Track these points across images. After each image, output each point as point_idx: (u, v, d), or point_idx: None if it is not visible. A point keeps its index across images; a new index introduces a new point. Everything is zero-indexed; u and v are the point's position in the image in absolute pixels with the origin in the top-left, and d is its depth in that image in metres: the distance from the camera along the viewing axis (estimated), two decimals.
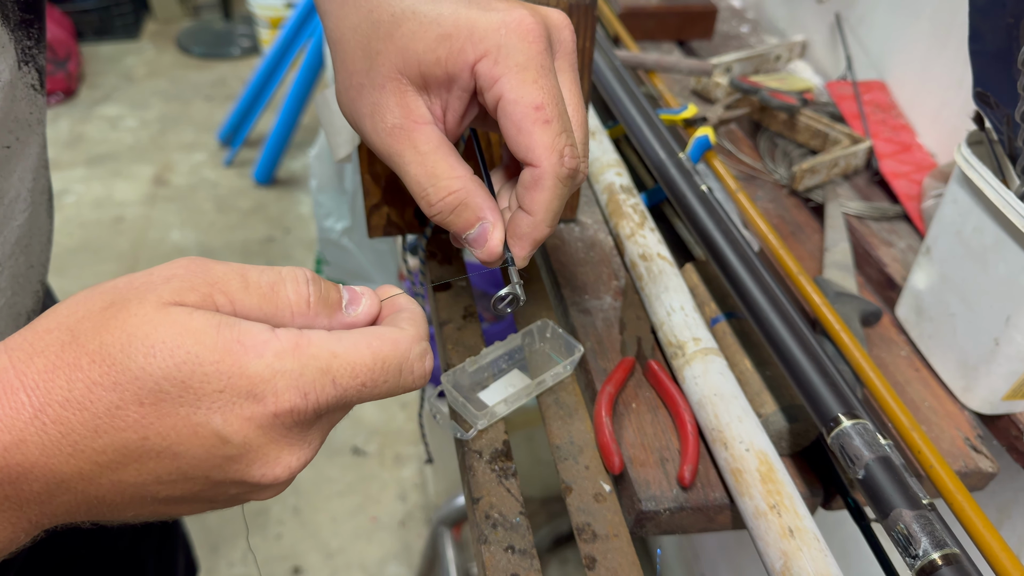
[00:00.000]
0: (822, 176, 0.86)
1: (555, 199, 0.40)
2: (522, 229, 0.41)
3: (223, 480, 0.32)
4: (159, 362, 0.29)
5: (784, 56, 1.11)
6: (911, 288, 0.69)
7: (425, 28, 0.39)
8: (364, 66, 0.41)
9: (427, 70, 0.39)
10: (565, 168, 0.39)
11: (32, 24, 0.48)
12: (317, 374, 0.32)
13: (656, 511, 0.54)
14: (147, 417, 0.29)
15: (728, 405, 0.56)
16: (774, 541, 0.49)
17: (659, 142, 0.73)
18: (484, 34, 0.38)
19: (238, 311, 0.32)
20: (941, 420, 0.63)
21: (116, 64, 3.52)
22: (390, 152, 0.41)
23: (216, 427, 0.30)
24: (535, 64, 0.39)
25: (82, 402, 0.29)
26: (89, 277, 2.37)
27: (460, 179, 0.40)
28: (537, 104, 0.38)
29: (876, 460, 0.47)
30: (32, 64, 0.49)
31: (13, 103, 0.47)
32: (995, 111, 0.58)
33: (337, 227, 1.68)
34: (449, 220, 0.41)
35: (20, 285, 0.52)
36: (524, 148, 0.39)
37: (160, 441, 0.30)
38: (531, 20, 0.39)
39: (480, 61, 0.38)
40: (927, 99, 0.91)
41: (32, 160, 0.51)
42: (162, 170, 2.88)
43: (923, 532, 0.43)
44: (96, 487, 0.31)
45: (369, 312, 0.37)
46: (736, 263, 0.61)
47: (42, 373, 0.29)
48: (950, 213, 0.63)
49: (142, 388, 0.29)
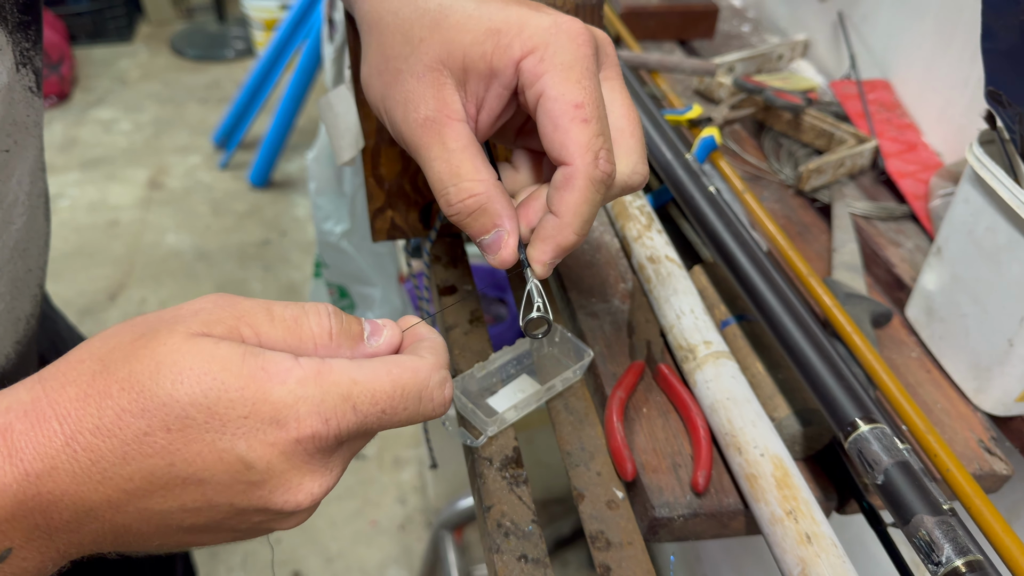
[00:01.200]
0: (828, 176, 0.85)
1: (585, 203, 0.39)
2: (547, 231, 0.40)
3: (247, 507, 0.32)
4: (186, 388, 0.30)
5: (787, 55, 1.11)
6: (921, 289, 0.68)
7: (474, 21, 0.39)
8: (404, 52, 0.40)
9: (471, 63, 0.39)
10: (599, 171, 0.38)
11: (29, 26, 0.48)
12: (338, 400, 0.32)
13: (670, 518, 0.53)
14: (174, 443, 0.30)
15: (741, 409, 0.55)
16: (791, 548, 0.48)
17: (665, 143, 0.72)
18: (534, 32, 0.38)
19: (263, 343, 0.33)
20: (954, 422, 0.62)
21: (109, 67, 3.50)
22: (418, 144, 0.40)
23: (240, 453, 0.31)
24: (581, 65, 0.38)
25: (111, 429, 0.30)
26: (84, 281, 2.36)
27: (483, 183, 0.39)
28: (577, 102, 0.38)
29: (895, 465, 0.46)
30: (29, 66, 0.48)
31: (11, 106, 0.46)
32: (1008, 110, 0.58)
33: (336, 230, 1.67)
34: (466, 222, 0.40)
35: (19, 289, 0.51)
36: (559, 145, 0.38)
37: (186, 467, 0.30)
38: (582, 25, 0.39)
39: (526, 57, 0.38)
40: (932, 98, 0.91)
41: (30, 163, 0.50)
42: (157, 173, 2.86)
43: (945, 539, 0.43)
44: (124, 515, 0.31)
45: (391, 342, 0.37)
46: (747, 265, 0.61)
47: (73, 401, 0.30)
48: (961, 213, 0.63)
49: (169, 414, 0.30)
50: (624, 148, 0.41)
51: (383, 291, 1.78)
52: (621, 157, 0.41)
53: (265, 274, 2.45)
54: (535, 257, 0.41)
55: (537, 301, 0.41)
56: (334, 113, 0.64)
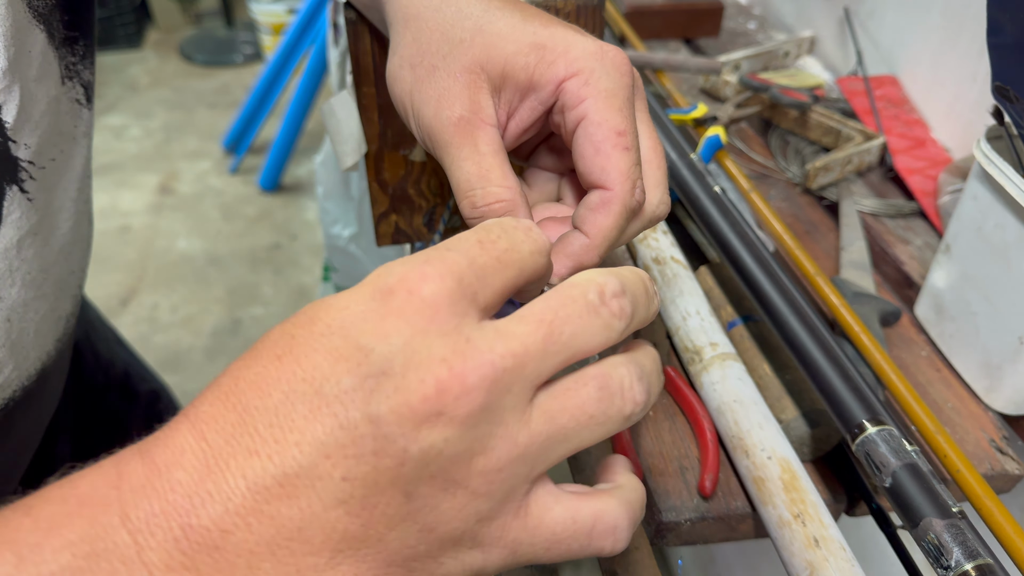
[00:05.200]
0: (836, 174, 0.85)
1: (616, 228, 0.39)
2: (572, 248, 0.39)
3: (386, 414, 0.25)
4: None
5: (793, 52, 1.10)
6: (930, 287, 0.68)
7: (519, 32, 0.39)
8: (442, 49, 0.40)
9: (511, 72, 0.39)
10: (635, 199, 0.39)
11: (76, 41, 0.49)
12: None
13: (677, 522, 0.53)
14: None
15: (748, 411, 0.55)
16: (799, 551, 0.48)
17: (669, 143, 0.72)
18: (580, 55, 0.38)
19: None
20: (965, 421, 0.62)
21: (119, 74, 3.52)
22: (448, 143, 0.39)
23: (355, 336, 0.26)
24: (623, 94, 0.39)
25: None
26: (96, 287, 2.37)
27: (511, 190, 0.39)
28: (620, 130, 0.38)
29: (903, 467, 0.46)
30: (77, 79, 0.50)
31: (57, 116, 0.48)
32: (1015, 105, 0.57)
33: (344, 234, 1.67)
34: None
35: (62, 290, 0.53)
36: (599, 170, 0.38)
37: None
38: (625, 56, 0.39)
39: (570, 79, 0.38)
40: (940, 93, 0.90)
41: (77, 172, 0.52)
42: (167, 179, 2.88)
43: (955, 542, 0.42)
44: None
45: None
46: (752, 265, 0.60)
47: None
48: (970, 210, 0.62)
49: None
50: (652, 180, 0.41)
51: None
52: (649, 188, 0.41)
53: (276, 278, 2.45)
54: (553, 270, 0.41)
55: None
56: (336, 119, 0.64)
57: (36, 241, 0.47)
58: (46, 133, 0.46)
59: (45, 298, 0.50)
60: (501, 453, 0.27)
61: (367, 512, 0.26)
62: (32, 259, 0.47)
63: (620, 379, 0.30)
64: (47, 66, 0.45)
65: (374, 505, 0.26)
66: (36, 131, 0.45)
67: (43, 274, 0.49)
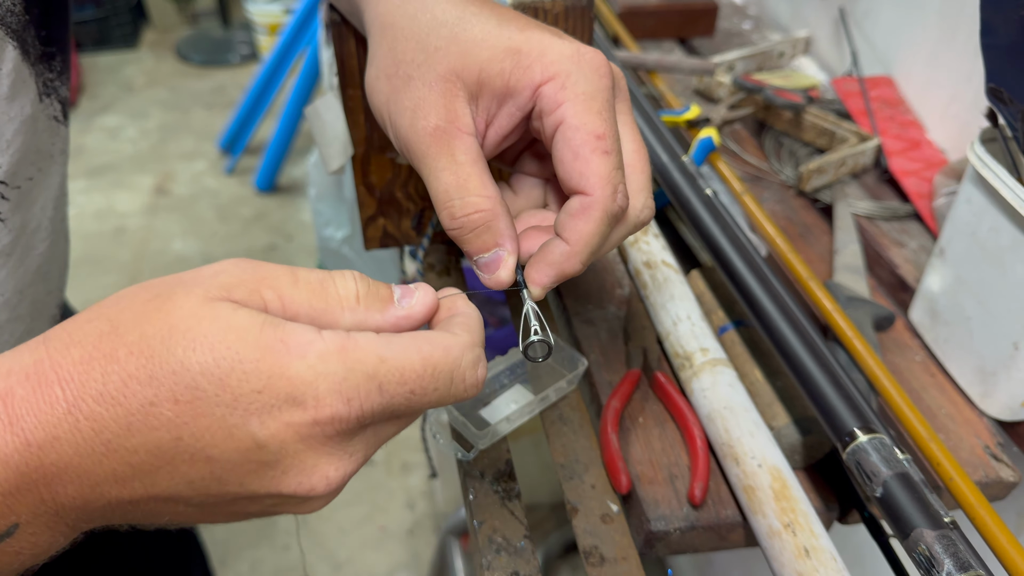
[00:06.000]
0: (830, 176, 0.84)
1: (597, 234, 0.38)
2: (553, 257, 0.39)
3: (257, 490, 0.30)
4: (198, 356, 0.28)
5: (788, 53, 1.09)
6: (925, 291, 0.67)
7: (494, 37, 0.38)
8: (417, 58, 0.39)
9: (487, 79, 0.38)
10: (616, 204, 0.38)
11: (54, 57, 0.48)
12: (362, 379, 0.30)
13: (666, 531, 0.52)
14: (181, 416, 0.28)
15: (739, 419, 0.54)
16: (789, 562, 0.47)
17: (661, 145, 0.71)
18: (556, 58, 0.38)
19: (287, 306, 0.31)
20: (959, 427, 0.61)
21: (115, 74, 3.51)
22: (424, 153, 0.39)
23: (252, 430, 0.29)
24: (601, 96, 0.38)
25: (116, 397, 0.28)
26: (92, 289, 2.36)
27: (490, 199, 0.38)
28: (599, 133, 0.37)
29: (894, 477, 0.45)
30: (54, 96, 0.49)
31: (34, 135, 0.47)
32: (1009, 107, 0.56)
33: (337, 236, 1.67)
34: (467, 238, 0.39)
35: (38, 311, 0.52)
36: (578, 175, 0.38)
37: (194, 443, 0.29)
38: (603, 57, 0.39)
39: (547, 83, 0.38)
40: (936, 94, 0.89)
41: (54, 190, 0.51)
42: (163, 180, 2.87)
43: (946, 554, 0.41)
44: (130, 491, 0.29)
45: (425, 303, 0.35)
46: (743, 270, 0.59)
47: (77, 364, 0.28)
48: (964, 213, 0.61)
49: (178, 383, 0.28)
50: (635, 185, 0.41)
51: None
52: (632, 193, 0.40)
53: None
54: (534, 279, 0.39)
55: (534, 324, 0.39)
56: (322, 121, 0.63)
57: (10, 262, 0.46)
58: (21, 152, 0.45)
59: (20, 320, 0.49)
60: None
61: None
62: (6, 280, 0.46)
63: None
64: (21, 84, 0.44)
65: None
66: (8, 150, 0.44)
67: (18, 296, 0.48)
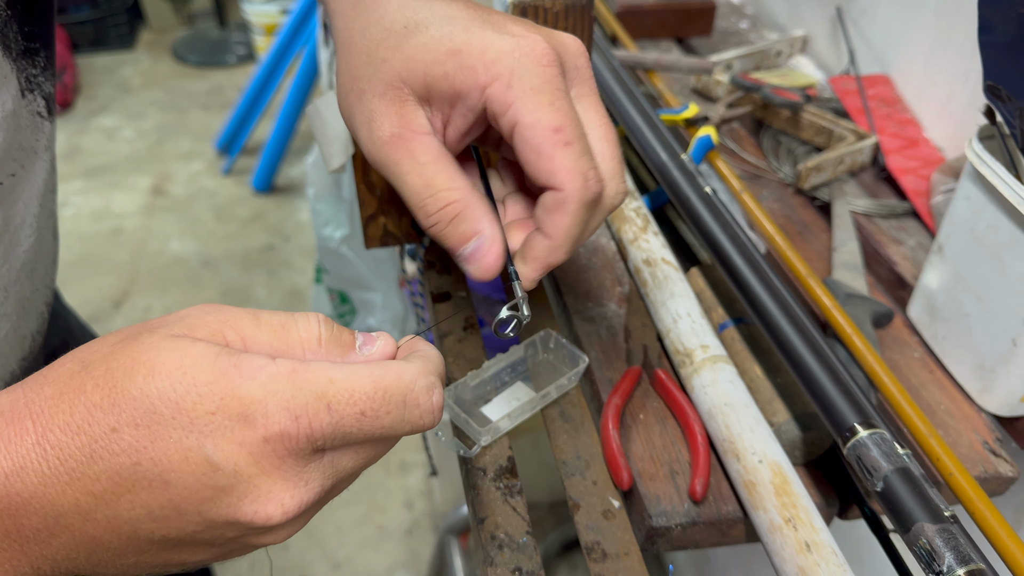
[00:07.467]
0: (828, 174, 0.84)
1: (576, 224, 0.39)
2: (536, 252, 0.40)
3: (216, 518, 0.31)
4: (156, 383, 0.29)
5: (785, 52, 1.09)
6: (923, 288, 0.67)
7: (436, 41, 0.38)
8: (367, 72, 0.39)
9: (432, 82, 0.38)
10: (590, 192, 0.38)
11: (37, 52, 0.48)
12: (311, 397, 0.31)
13: (667, 527, 0.52)
14: (140, 440, 0.29)
15: (739, 415, 0.54)
16: (790, 556, 0.47)
17: (660, 143, 0.71)
18: (497, 56, 0.37)
19: (248, 347, 0.32)
20: (958, 423, 0.61)
21: (112, 75, 3.50)
22: (387, 162, 0.39)
23: (207, 452, 0.30)
24: (550, 87, 0.37)
25: (81, 425, 0.29)
26: (89, 290, 2.36)
27: (459, 190, 0.39)
28: (556, 126, 0.37)
29: (895, 471, 0.45)
30: (38, 91, 0.48)
31: (17, 132, 0.46)
32: (1007, 104, 0.57)
33: (336, 235, 1.67)
34: (446, 232, 0.39)
35: (25, 309, 0.52)
36: (546, 172, 0.38)
37: (152, 467, 0.29)
38: (544, 45, 0.38)
39: (492, 85, 0.37)
40: (933, 92, 0.89)
41: (39, 186, 0.51)
42: (160, 180, 2.86)
43: (947, 547, 0.42)
44: (93, 524, 0.30)
45: (384, 351, 0.35)
46: (743, 267, 0.60)
47: (49, 400, 0.30)
48: (962, 210, 0.62)
49: (138, 409, 0.29)
50: (606, 170, 0.40)
51: (384, 296, 1.77)
52: (605, 181, 0.40)
53: (269, 279, 2.44)
54: (522, 274, 0.40)
55: (519, 293, 0.40)
56: (322, 120, 0.63)
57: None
58: (2, 148, 0.45)
59: (7, 317, 0.49)
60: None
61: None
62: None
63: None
64: (1, 80, 0.44)
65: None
66: None
67: (3, 293, 0.48)
